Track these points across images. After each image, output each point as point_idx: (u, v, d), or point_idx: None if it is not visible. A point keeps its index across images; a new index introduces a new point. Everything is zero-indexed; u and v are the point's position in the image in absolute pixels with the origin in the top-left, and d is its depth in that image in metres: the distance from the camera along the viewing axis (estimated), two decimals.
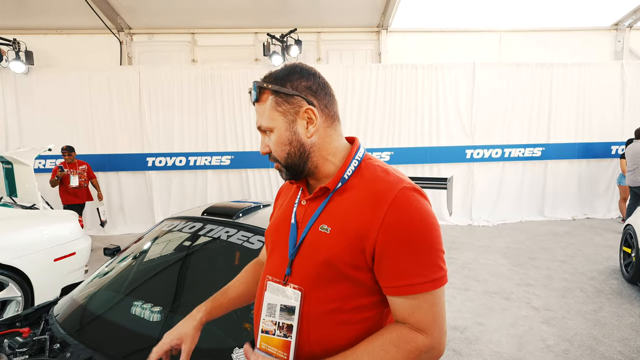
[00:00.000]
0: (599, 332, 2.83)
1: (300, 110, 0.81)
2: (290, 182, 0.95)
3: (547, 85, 6.58)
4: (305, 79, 0.82)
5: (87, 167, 5.46)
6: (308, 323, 0.79)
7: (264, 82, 0.82)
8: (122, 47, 6.57)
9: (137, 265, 1.90)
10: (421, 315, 0.74)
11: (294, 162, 0.83)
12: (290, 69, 0.83)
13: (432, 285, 0.74)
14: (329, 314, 0.78)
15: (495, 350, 2.62)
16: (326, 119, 0.84)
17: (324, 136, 0.84)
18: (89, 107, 6.22)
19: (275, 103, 0.81)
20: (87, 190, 5.47)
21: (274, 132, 0.83)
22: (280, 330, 0.81)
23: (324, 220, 0.81)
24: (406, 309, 0.75)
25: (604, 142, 6.77)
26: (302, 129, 0.82)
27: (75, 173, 5.29)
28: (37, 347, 1.46)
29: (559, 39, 6.95)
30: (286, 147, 0.82)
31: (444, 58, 6.66)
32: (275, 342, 0.81)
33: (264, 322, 0.84)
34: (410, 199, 0.76)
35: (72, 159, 5.31)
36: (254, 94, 0.83)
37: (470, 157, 6.64)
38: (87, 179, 5.42)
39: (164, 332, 1.46)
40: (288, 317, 0.81)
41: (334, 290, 0.78)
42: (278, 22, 6.46)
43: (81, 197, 5.38)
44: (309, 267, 0.80)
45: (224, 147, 6.49)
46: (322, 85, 0.84)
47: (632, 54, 6.98)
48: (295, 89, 0.81)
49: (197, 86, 6.33)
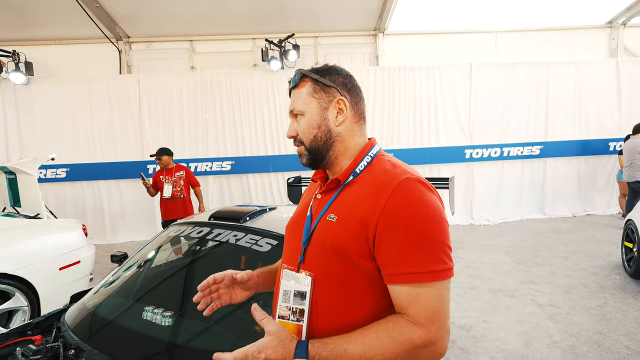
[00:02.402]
0: (604, 327, 2.84)
1: (334, 100, 0.89)
2: (313, 180, 1.01)
3: (544, 84, 6.64)
4: (343, 77, 0.91)
5: (185, 172, 4.43)
6: (317, 308, 0.82)
7: (306, 71, 0.91)
8: (121, 56, 6.61)
9: (147, 270, 1.91)
10: (419, 307, 0.73)
11: (318, 146, 0.89)
12: (331, 66, 0.93)
13: (432, 276, 0.73)
14: (337, 299, 0.81)
15: (502, 347, 2.63)
16: (354, 115, 0.92)
17: (349, 130, 0.91)
18: (89, 116, 6.25)
19: (313, 90, 0.89)
20: (185, 202, 4.41)
21: (305, 116, 0.90)
22: (293, 315, 0.84)
23: (332, 210, 0.85)
24: (404, 299, 0.75)
25: (601, 139, 6.82)
26: (332, 117, 0.89)
27: (169, 181, 4.31)
28: (50, 354, 1.47)
29: (555, 38, 7.03)
30: (314, 130, 0.89)
31: (441, 59, 6.72)
32: (290, 327, 0.84)
33: (280, 308, 0.87)
34: (412, 188, 0.78)
35: (165, 163, 4.37)
36: (294, 80, 0.92)
37: (470, 157, 6.67)
38: (184, 188, 4.39)
39: (177, 337, 1.48)
40: (300, 302, 0.84)
41: (341, 277, 0.80)
42: (276, 27, 6.52)
43: (175, 211, 4.32)
44: (319, 254, 0.84)
45: (224, 152, 6.52)
46: (356, 86, 0.93)
47: (627, 51, 7.05)
48: (333, 82, 0.89)
49: (196, 93, 6.36)
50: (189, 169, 4.57)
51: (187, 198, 4.45)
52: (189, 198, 4.49)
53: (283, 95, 6.43)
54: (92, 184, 6.38)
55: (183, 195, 4.38)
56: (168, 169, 4.41)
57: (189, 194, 4.51)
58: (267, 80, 6.42)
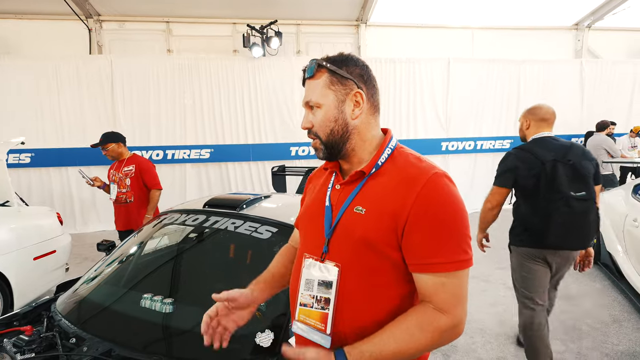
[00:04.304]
0: (568, 307, 3.11)
1: (351, 93, 0.87)
2: (324, 168, 1.02)
3: (515, 80, 6.96)
4: (360, 68, 0.89)
5: (135, 167, 3.17)
6: (344, 297, 0.84)
7: (323, 61, 0.88)
8: (91, 34, 6.22)
9: (142, 257, 1.88)
10: (445, 295, 0.78)
11: (335, 140, 0.89)
12: (347, 56, 0.90)
13: (456, 265, 0.79)
14: (364, 288, 0.84)
15: (479, 327, 2.82)
16: (370, 107, 0.91)
17: (365, 122, 0.91)
18: (56, 98, 5.86)
19: (330, 82, 0.87)
20: (129, 210, 3.18)
21: (322, 109, 0.88)
22: (318, 303, 0.86)
23: (358, 202, 0.86)
24: (430, 287, 0.79)
25: (565, 135, 7.26)
26: (349, 110, 0.88)
27: (116, 178, 3.20)
28: (45, 343, 1.43)
29: (526, 36, 7.36)
30: (331, 123, 0.88)
31: (421, 53, 6.86)
32: (314, 315, 0.87)
33: (302, 296, 0.89)
34: (441, 183, 0.82)
35: (114, 154, 3.17)
36: (309, 70, 0.89)
37: (446, 149, 6.92)
38: (132, 190, 3.15)
39: (177, 322, 1.47)
40: (326, 291, 0.86)
41: (368, 267, 0.83)
42: (257, 13, 6.37)
43: (120, 219, 3.24)
44: (346, 245, 0.85)
45: (203, 140, 6.36)
46: (371, 78, 0.91)
47: (590, 52, 7.52)
48: (350, 74, 0.87)
49: (174, 77, 6.13)
50: (147, 163, 3.27)
51: (135, 204, 3.14)
52: (139, 204, 3.16)
53: (265, 83, 6.33)
54: (59, 171, 6.03)
55: (129, 200, 3.14)
56: (120, 161, 3.22)
57: (142, 199, 3.18)
58: (249, 67, 6.29)
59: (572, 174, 1.94)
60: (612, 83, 7.18)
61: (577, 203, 1.91)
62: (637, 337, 2.64)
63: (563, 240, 1.97)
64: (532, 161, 2.02)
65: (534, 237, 2.06)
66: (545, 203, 1.95)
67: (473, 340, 2.65)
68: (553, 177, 1.95)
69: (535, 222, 2.03)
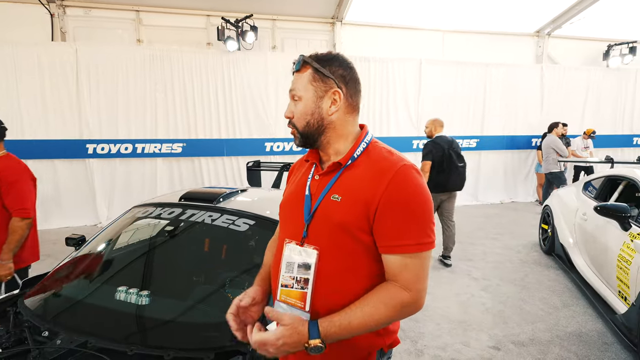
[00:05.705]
0: (525, 294, 3.36)
1: (330, 91, 0.95)
2: (305, 159, 1.09)
3: (482, 83, 7.31)
4: (343, 69, 0.96)
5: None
6: (321, 277, 0.92)
7: (309, 58, 0.96)
8: (53, 20, 5.88)
9: (115, 251, 1.85)
10: (408, 274, 0.88)
11: (310, 132, 0.97)
12: (334, 56, 0.97)
13: (421, 247, 0.88)
14: (339, 269, 0.92)
15: (444, 314, 2.99)
16: (348, 107, 0.98)
17: (342, 119, 0.98)
18: (13, 87, 5.51)
19: (312, 78, 0.95)
20: None
21: (302, 101, 0.96)
22: (297, 283, 0.94)
23: (335, 191, 0.95)
24: (397, 267, 0.89)
25: (525, 135, 7.75)
26: (326, 106, 0.95)
27: None
28: (13, 339, 1.40)
29: (493, 41, 7.73)
30: (308, 116, 0.96)
31: (394, 53, 7.04)
32: (293, 294, 0.94)
33: (283, 277, 0.96)
34: (409, 174, 0.91)
35: None
36: (297, 64, 0.97)
37: (417, 147, 7.16)
38: None
39: (152, 314, 1.48)
40: (305, 272, 0.94)
41: (344, 250, 0.92)
42: (232, 6, 6.27)
43: None
44: (324, 230, 0.93)
45: (175, 134, 6.21)
46: (354, 80, 0.99)
47: (550, 58, 8.02)
48: (332, 74, 0.95)
49: (144, 68, 5.93)
50: (16, 172, 2.35)
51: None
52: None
53: (240, 77, 6.26)
54: None
55: None
56: None
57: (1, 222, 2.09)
58: (223, 60, 6.19)
59: (456, 155, 3.93)
60: (568, 88, 7.70)
61: (460, 169, 3.94)
62: (585, 320, 2.91)
63: (453, 186, 3.97)
64: (439, 148, 3.92)
65: (440, 187, 3.92)
66: (447, 168, 3.87)
67: (439, 327, 2.81)
68: (450, 156, 3.89)
69: (441, 179, 3.90)
